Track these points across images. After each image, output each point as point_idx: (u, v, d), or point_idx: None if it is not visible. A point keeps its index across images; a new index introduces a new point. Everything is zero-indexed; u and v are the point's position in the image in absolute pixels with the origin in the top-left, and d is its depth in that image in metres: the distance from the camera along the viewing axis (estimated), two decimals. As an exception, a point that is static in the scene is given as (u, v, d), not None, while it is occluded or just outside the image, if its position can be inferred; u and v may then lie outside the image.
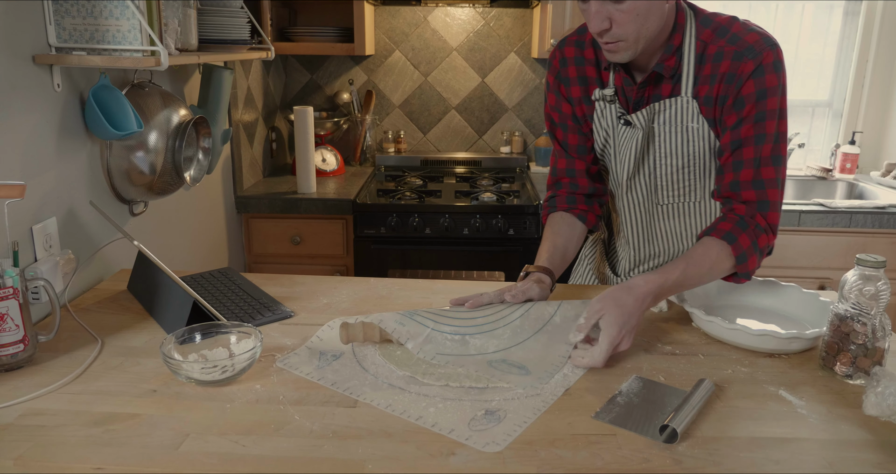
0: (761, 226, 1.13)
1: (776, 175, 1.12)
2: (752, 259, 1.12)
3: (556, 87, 1.31)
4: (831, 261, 2.20)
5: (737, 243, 1.11)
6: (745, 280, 1.15)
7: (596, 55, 1.25)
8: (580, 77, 1.27)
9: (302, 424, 0.85)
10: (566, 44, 1.29)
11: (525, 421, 0.87)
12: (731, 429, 0.86)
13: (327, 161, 2.61)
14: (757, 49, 1.08)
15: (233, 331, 1.04)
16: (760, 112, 1.09)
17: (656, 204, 1.30)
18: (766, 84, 1.08)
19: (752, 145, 1.11)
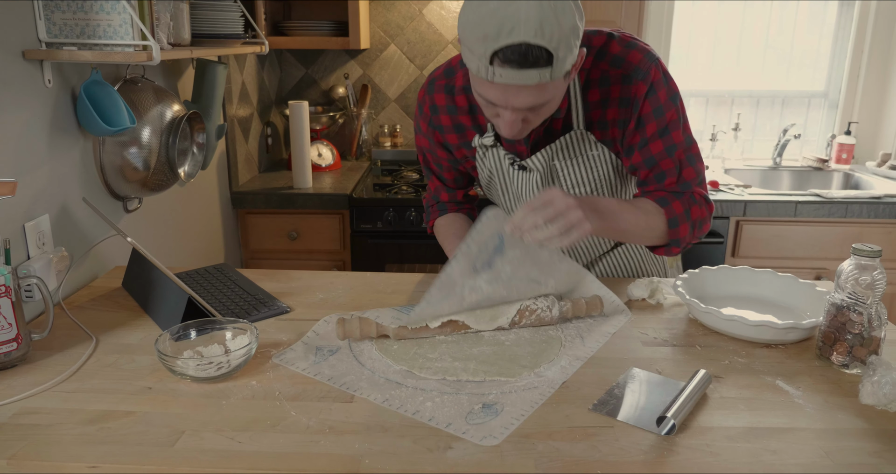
0: (696, 198, 1.15)
1: (696, 174, 1.16)
2: (683, 226, 1.14)
3: (430, 134, 1.26)
4: (828, 251, 2.20)
5: (669, 207, 1.14)
6: (677, 249, 1.17)
7: (468, 102, 1.19)
8: (455, 125, 1.22)
9: (298, 420, 0.85)
10: (435, 89, 1.22)
11: (522, 414, 0.87)
12: (728, 420, 0.86)
13: (323, 156, 2.60)
14: (643, 68, 1.08)
15: (228, 328, 1.04)
16: (663, 127, 1.10)
17: None
18: (661, 99, 1.09)
19: (666, 157, 1.13)
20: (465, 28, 0.94)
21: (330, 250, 2.31)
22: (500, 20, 0.89)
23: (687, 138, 1.13)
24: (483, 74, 0.93)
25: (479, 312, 1.07)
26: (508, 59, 0.90)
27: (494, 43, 0.90)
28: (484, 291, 1.07)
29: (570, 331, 1.11)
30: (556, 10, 0.90)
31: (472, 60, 0.94)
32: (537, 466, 0.76)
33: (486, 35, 0.90)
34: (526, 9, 0.88)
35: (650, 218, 1.13)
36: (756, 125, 2.81)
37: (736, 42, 2.73)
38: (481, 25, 0.90)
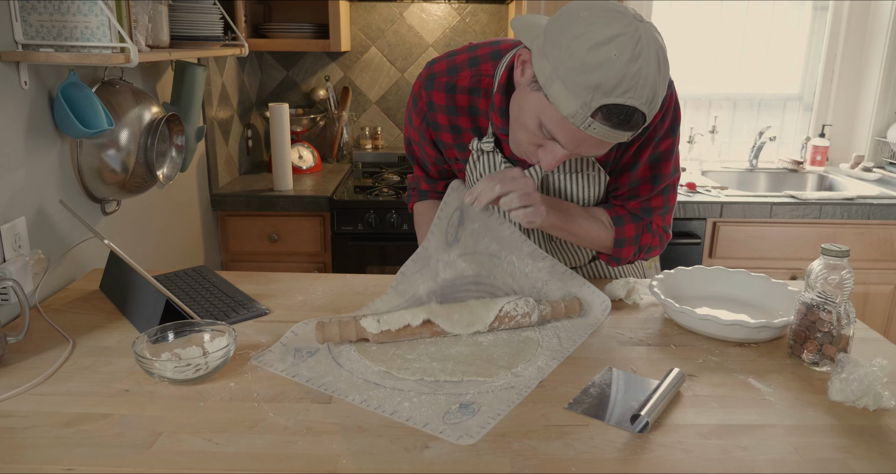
0: (651, 227, 1.17)
1: (664, 204, 1.17)
2: (627, 248, 1.17)
3: (423, 130, 1.22)
4: (802, 251, 2.24)
5: (622, 227, 1.16)
6: (616, 265, 1.22)
7: (470, 103, 1.15)
8: (452, 125, 1.18)
9: (276, 421, 0.85)
10: (435, 86, 1.16)
11: (499, 413, 0.88)
12: (701, 417, 0.87)
13: (304, 158, 2.60)
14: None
15: (206, 330, 1.03)
16: (656, 154, 1.10)
17: (551, 249, 1.30)
18: (665, 126, 1.08)
19: (648, 183, 1.14)
20: (573, 64, 0.85)
21: (311, 252, 2.31)
22: (621, 76, 0.84)
23: (674, 170, 1.14)
24: (577, 122, 0.88)
25: (457, 317, 1.08)
26: (612, 117, 0.86)
27: (605, 98, 0.85)
28: (458, 267, 1.10)
29: (547, 331, 1.12)
30: (665, 79, 0.89)
31: (569, 102, 0.86)
32: (513, 465, 0.77)
33: (599, 86, 0.84)
34: (646, 73, 0.85)
35: (601, 231, 1.16)
36: (733, 127, 2.85)
37: (713, 45, 2.77)
38: (597, 72, 0.84)
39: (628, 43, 0.84)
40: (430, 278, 1.11)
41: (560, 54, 0.86)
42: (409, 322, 1.04)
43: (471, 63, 1.14)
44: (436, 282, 1.11)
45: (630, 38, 0.84)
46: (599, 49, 0.84)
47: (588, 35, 0.84)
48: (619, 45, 0.84)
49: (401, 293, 1.11)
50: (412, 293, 1.10)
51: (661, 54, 0.87)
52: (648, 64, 0.85)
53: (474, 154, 1.20)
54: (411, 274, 1.11)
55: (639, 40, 0.84)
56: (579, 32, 0.85)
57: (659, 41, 0.88)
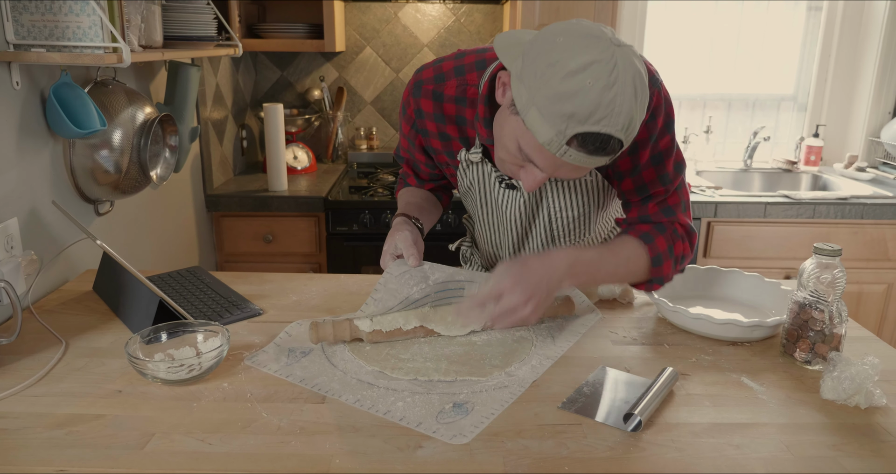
0: (679, 232, 1.11)
1: (681, 198, 1.12)
2: (667, 263, 1.09)
3: (412, 136, 1.23)
4: (796, 250, 2.25)
5: (653, 244, 1.08)
6: (658, 286, 1.12)
7: (457, 112, 1.14)
8: (440, 133, 1.17)
9: (269, 421, 0.85)
10: (422, 94, 1.15)
11: (492, 412, 0.88)
12: (694, 416, 0.88)
13: (299, 158, 2.60)
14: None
15: (199, 330, 1.03)
16: (656, 154, 1.06)
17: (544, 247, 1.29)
18: (658, 126, 1.04)
19: (658, 185, 1.09)
20: (548, 93, 0.84)
21: (305, 253, 2.30)
22: (595, 105, 0.83)
23: (678, 165, 1.10)
24: (552, 149, 0.87)
25: (452, 319, 1.08)
26: (587, 144, 0.86)
27: (580, 126, 0.84)
28: (447, 271, 1.13)
29: (541, 330, 1.13)
30: (643, 104, 0.87)
31: (545, 130, 0.86)
32: (506, 464, 0.77)
33: (574, 114, 0.83)
34: (621, 100, 0.83)
35: (631, 262, 1.09)
36: (727, 127, 2.86)
37: (708, 45, 2.78)
38: (572, 101, 0.83)
39: (603, 70, 0.83)
40: (420, 279, 1.11)
41: (535, 82, 0.85)
42: (400, 325, 1.04)
43: (457, 72, 1.13)
44: (427, 283, 1.11)
45: (605, 65, 0.83)
46: (574, 77, 0.83)
47: (563, 63, 0.84)
48: (594, 73, 0.83)
49: (392, 293, 1.10)
50: (405, 295, 1.10)
51: (638, 80, 0.85)
52: (624, 91, 0.84)
53: (463, 164, 1.20)
54: (399, 274, 1.11)
55: (614, 67, 0.83)
56: (554, 60, 0.84)
57: (636, 66, 0.86)
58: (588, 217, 1.21)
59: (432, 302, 1.12)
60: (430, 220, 1.29)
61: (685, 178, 1.12)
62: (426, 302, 1.11)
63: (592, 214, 1.21)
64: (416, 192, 1.34)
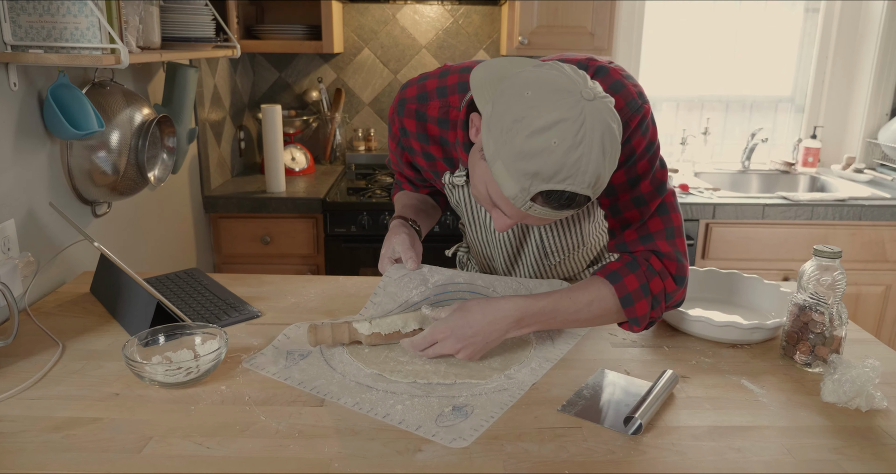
0: (655, 268, 1.01)
1: (664, 225, 1.03)
2: (640, 303, 1.00)
3: (399, 153, 1.21)
4: (794, 252, 2.25)
5: (621, 283, 1.00)
6: (638, 328, 1.04)
7: (440, 134, 1.11)
8: (424, 153, 1.15)
9: (268, 424, 0.85)
10: (406, 113, 1.13)
11: (492, 415, 0.88)
12: (694, 419, 0.87)
13: (297, 160, 2.59)
14: (623, 118, 0.96)
15: (197, 332, 1.03)
16: (632, 177, 1.01)
17: (547, 265, 1.26)
18: (636, 149, 0.99)
19: (632, 208, 1.03)
20: (512, 150, 0.81)
21: (303, 254, 2.30)
22: (560, 165, 0.80)
23: (660, 187, 1.02)
24: (517, 203, 0.85)
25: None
26: (552, 201, 0.84)
27: (544, 184, 0.82)
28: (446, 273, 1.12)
29: (540, 333, 1.12)
30: (613, 157, 0.84)
31: (509, 184, 0.84)
32: (506, 467, 0.77)
33: (538, 173, 0.81)
34: (587, 160, 0.81)
35: (595, 305, 1.01)
36: (725, 129, 2.86)
37: (706, 46, 2.78)
38: (536, 160, 0.81)
39: (570, 129, 0.80)
40: (419, 282, 1.10)
41: (502, 136, 0.83)
42: (399, 328, 1.04)
43: (439, 93, 1.10)
44: (427, 286, 1.10)
45: (573, 123, 0.80)
46: (539, 136, 0.80)
47: (528, 120, 0.81)
48: (559, 132, 0.80)
49: (392, 297, 1.10)
50: (405, 298, 1.09)
51: (608, 137, 0.82)
52: (591, 150, 0.81)
53: (447, 187, 1.18)
54: (398, 277, 1.10)
55: (582, 125, 0.80)
56: (521, 115, 0.81)
57: (606, 122, 0.82)
58: (580, 231, 1.20)
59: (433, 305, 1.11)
60: (428, 223, 1.28)
61: (674, 201, 1.04)
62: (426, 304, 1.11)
63: (584, 227, 1.20)
64: (413, 195, 1.33)
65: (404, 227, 1.15)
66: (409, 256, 1.10)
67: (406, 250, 1.10)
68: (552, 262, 1.25)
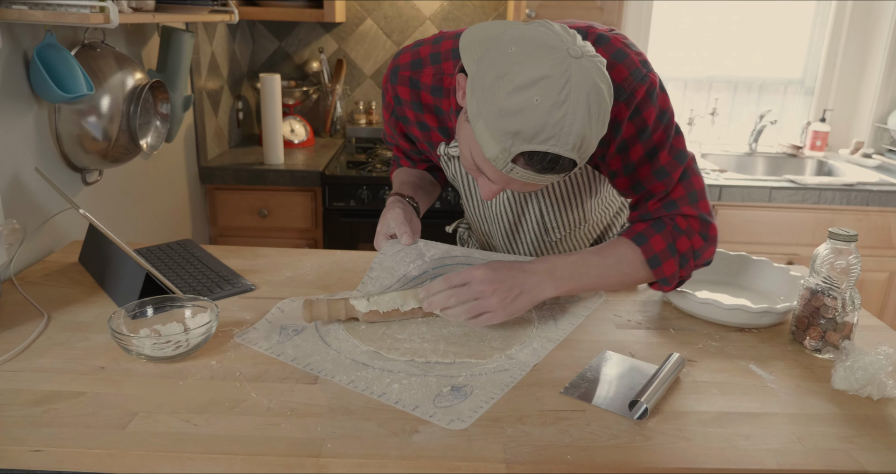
0: (681, 227, 1.00)
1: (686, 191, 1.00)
2: (667, 263, 0.99)
3: (393, 124, 1.17)
4: (800, 236, 2.21)
5: (647, 244, 1.00)
6: (669, 288, 1.03)
7: (434, 102, 1.07)
8: (419, 122, 1.12)
9: (259, 402, 0.81)
10: (399, 81, 1.08)
11: (492, 397, 0.84)
12: (701, 404, 0.84)
13: (296, 132, 2.54)
14: (626, 89, 0.92)
15: (187, 305, 0.99)
16: (649, 150, 0.97)
17: (547, 242, 1.23)
18: (647, 121, 0.95)
19: (655, 181, 1.00)
20: (493, 108, 0.78)
21: (301, 228, 2.26)
22: (541, 124, 0.76)
23: (679, 155, 0.99)
24: (499, 165, 0.82)
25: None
26: (533, 163, 0.80)
27: (526, 144, 0.78)
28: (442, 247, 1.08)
29: (542, 312, 1.09)
30: (601, 119, 0.80)
31: (490, 145, 0.80)
32: (506, 451, 0.73)
33: (519, 133, 0.77)
34: (572, 119, 0.77)
35: (624, 264, 1.01)
36: (733, 110, 2.80)
37: (715, 27, 2.71)
38: (517, 119, 0.77)
39: (553, 87, 0.76)
40: (416, 256, 1.06)
41: (483, 94, 0.79)
42: (398, 306, 1.00)
43: (433, 59, 1.06)
44: (424, 260, 1.07)
45: (556, 80, 0.76)
46: (520, 93, 0.76)
47: (511, 76, 0.77)
48: (542, 90, 0.76)
49: (389, 271, 1.06)
50: (402, 272, 1.06)
51: (594, 97, 0.78)
52: (576, 109, 0.77)
53: (443, 159, 1.14)
54: (394, 253, 1.06)
55: (566, 83, 0.76)
56: (503, 71, 0.77)
57: (594, 81, 0.78)
58: (581, 207, 1.16)
59: (431, 279, 1.07)
60: (426, 199, 1.24)
61: (694, 165, 1.02)
62: (425, 279, 1.07)
63: (586, 203, 1.16)
64: (411, 172, 1.28)
65: (400, 203, 1.11)
66: (403, 231, 1.06)
67: (401, 225, 1.06)
68: (553, 239, 1.22)
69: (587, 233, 1.25)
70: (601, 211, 1.23)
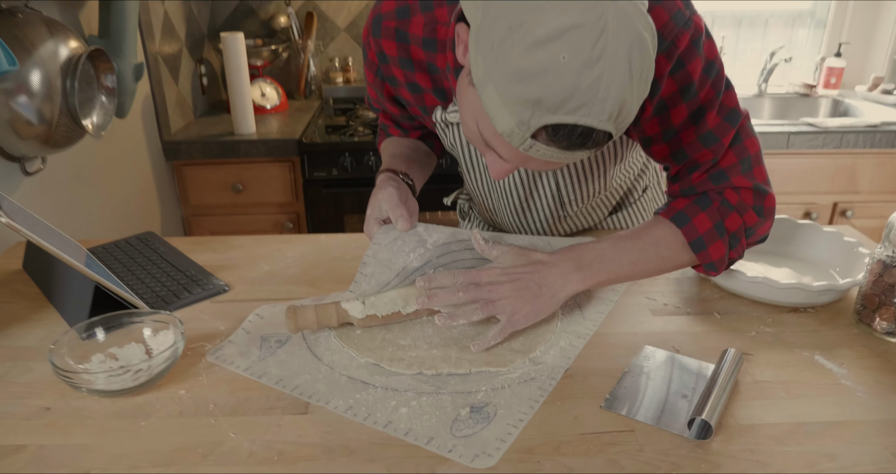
0: (731, 202, 0.85)
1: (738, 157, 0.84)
2: (715, 246, 0.85)
3: (378, 86, 1.01)
4: (818, 184, 2.08)
5: (690, 225, 0.85)
6: (716, 273, 0.89)
7: (427, 57, 0.91)
8: (409, 83, 0.96)
9: (238, 444, 0.67)
10: (382, 33, 0.92)
11: (520, 418, 0.71)
12: (770, 413, 0.71)
13: (267, 96, 2.34)
14: (668, 37, 0.75)
15: (146, 321, 0.84)
16: (694, 111, 0.81)
17: (561, 216, 1.09)
18: (693, 75, 0.79)
19: (701, 148, 0.84)
20: (507, 69, 0.62)
21: (281, 203, 2.09)
22: (570, 89, 0.60)
23: (730, 115, 0.83)
24: (514, 141, 0.66)
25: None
26: (560, 139, 0.64)
27: (549, 116, 0.62)
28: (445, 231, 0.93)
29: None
30: (643, 79, 0.64)
31: (503, 117, 0.64)
32: (547, 495, 0.60)
33: (541, 101, 0.61)
34: (609, 81, 0.60)
35: (662, 249, 0.86)
36: (737, 48, 2.62)
37: (718, -45, 2.50)
38: (538, 83, 0.60)
39: (586, 39, 0.59)
40: (417, 244, 0.91)
41: (493, 51, 0.63)
42: (399, 308, 0.85)
43: (423, 6, 0.88)
44: (426, 247, 0.92)
45: (588, 31, 0.59)
46: (542, 49, 0.60)
47: (529, 27, 0.60)
48: (570, 44, 0.59)
49: (385, 264, 0.91)
50: (401, 264, 0.91)
51: (637, 51, 0.62)
52: (614, 67, 0.61)
53: (439, 125, 0.98)
54: (389, 242, 0.91)
55: (601, 34, 0.60)
56: (518, 22, 0.61)
57: (637, 30, 0.62)
58: (604, 176, 1.01)
59: (435, 269, 0.92)
60: (422, 173, 1.08)
61: (748, 125, 0.85)
62: (428, 270, 0.92)
63: (609, 171, 1.01)
64: (402, 142, 1.11)
65: (392, 181, 0.95)
66: (398, 214, 0.90)
67: (395, 207, 0.90)
68: (569, 213, 1.07)
69: (604, 201, 1.11)
70: (622, 175, 1.08)
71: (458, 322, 0.81)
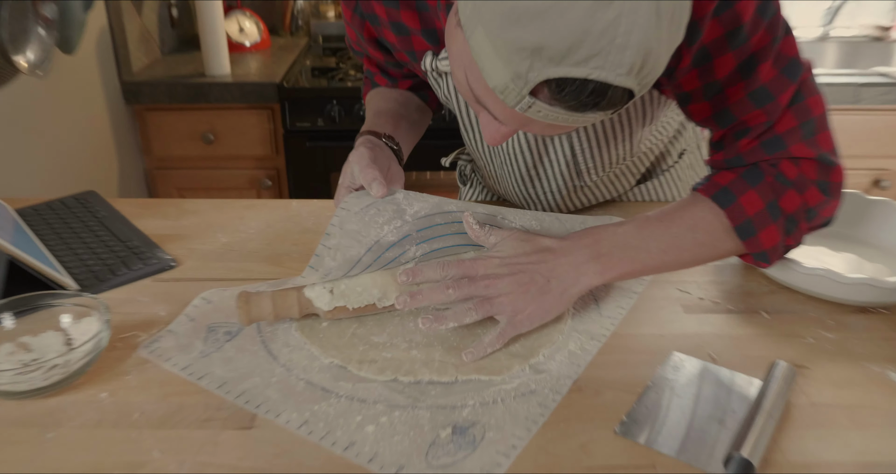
0: (788, 177, 0.76)
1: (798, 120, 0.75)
2: (767, 231, 0.76)
3: (359, 26, 0.94)
4: (892, 147, 1.97)
5: (736, 205, 0.76)
6: (767, 264, 0.80)
7: None
8: (394, 23, 0.88)
9: (164, 466, 0.60)
10: None
11: (513, 444, 0.63)
12: (830, 447, 0.63)
13: (246, 31, 2.24)
14: None
15: (66, 305, 0.76)
16: (744, 61, 0.72)
17: (577, 186, 1.00)
18: (742, 16, 0.69)
19: (752, 108, 0.74)
20: (500, 8, 0.54)
21: (258, 156, 2.01)
22: (580, 33, 0.53)
23: (789, 67, 0.73)
24: (509, 100, 0.58)
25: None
26: (567, 97, 0.56)
27: (553, 68, 0.54)
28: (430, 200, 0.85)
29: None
30: (674, 22, 0.56)
31: (496, 69, 0.57)
32: (541, 550, 0.53)
33: (542, 48, 0.54)
34: (629, 24, 0.53)
35: (701, 234, 0.77)
36: (800, -17, 2.47)
37: None
38: (538, 26, 0.53)
39: None
40: (393, 214, 0.83)
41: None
42: (374, 300, 0.77)
43: None
44: (404, 219, 0.83)
45: None
46: None
47: None
48: None
49: (354, 237, 0.82)
50: (373, 238, 0.82)
51: None
52: (635, 7, 0.53)
53: (430, 75, 0.90)
54: (360, 210, 0.83)
55: None
56: None
57: None
58: (629, 139, 0.92)
59: (415, 243, 0.84)
60: (412, 134, 0.99)
61: (810, 80, 0.76)
62: (407, 246, 0.83)
63: (636, 134, 0.91)
64: (390, 95, 1.03)
65: (369, 144, 0.86)
66: (371, 177, 0.81)
67: (366, 169, 0.82)
68: (586, 182, 0.98)
69: (630, 168, 1.02)
70: (653, 137, 0.99)
71: (447, 325, 0.73)
